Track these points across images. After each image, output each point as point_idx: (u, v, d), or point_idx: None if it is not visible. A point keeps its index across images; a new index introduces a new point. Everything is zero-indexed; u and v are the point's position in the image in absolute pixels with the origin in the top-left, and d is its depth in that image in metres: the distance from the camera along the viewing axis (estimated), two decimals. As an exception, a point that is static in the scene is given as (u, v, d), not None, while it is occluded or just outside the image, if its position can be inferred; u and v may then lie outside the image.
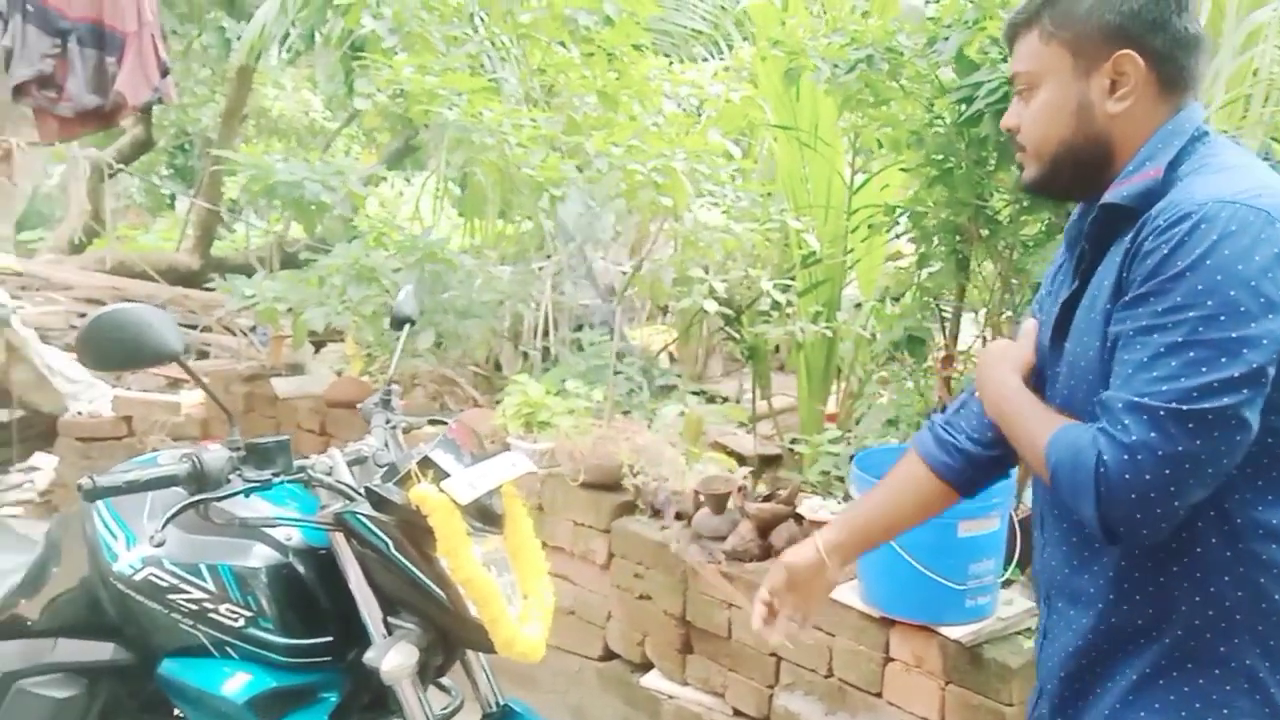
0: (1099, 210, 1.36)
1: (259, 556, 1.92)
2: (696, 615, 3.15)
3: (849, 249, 4.11)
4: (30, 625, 2.10)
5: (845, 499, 3.05)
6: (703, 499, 3.19)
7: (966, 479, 1.62)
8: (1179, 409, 1.18)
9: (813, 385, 4.19)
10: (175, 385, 5.90)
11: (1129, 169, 1.35)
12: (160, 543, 1.70)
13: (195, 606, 1.90)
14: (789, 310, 4.06)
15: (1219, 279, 1.19)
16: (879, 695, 2.71)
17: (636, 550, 3.32)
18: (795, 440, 3.80)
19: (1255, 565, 1.28)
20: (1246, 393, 1.18)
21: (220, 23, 8.44)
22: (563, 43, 4.57)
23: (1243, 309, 1.18)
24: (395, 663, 1.81)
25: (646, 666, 3.35)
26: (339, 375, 5.16)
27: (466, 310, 4.25)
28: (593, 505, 3.48)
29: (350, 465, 2.03)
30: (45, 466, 5.84)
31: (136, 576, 1.93)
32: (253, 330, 6.48)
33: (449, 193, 6.25)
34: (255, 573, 1.91)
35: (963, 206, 3.07)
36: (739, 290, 4.28)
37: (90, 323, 1.67)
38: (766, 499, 3.17)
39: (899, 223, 3.49)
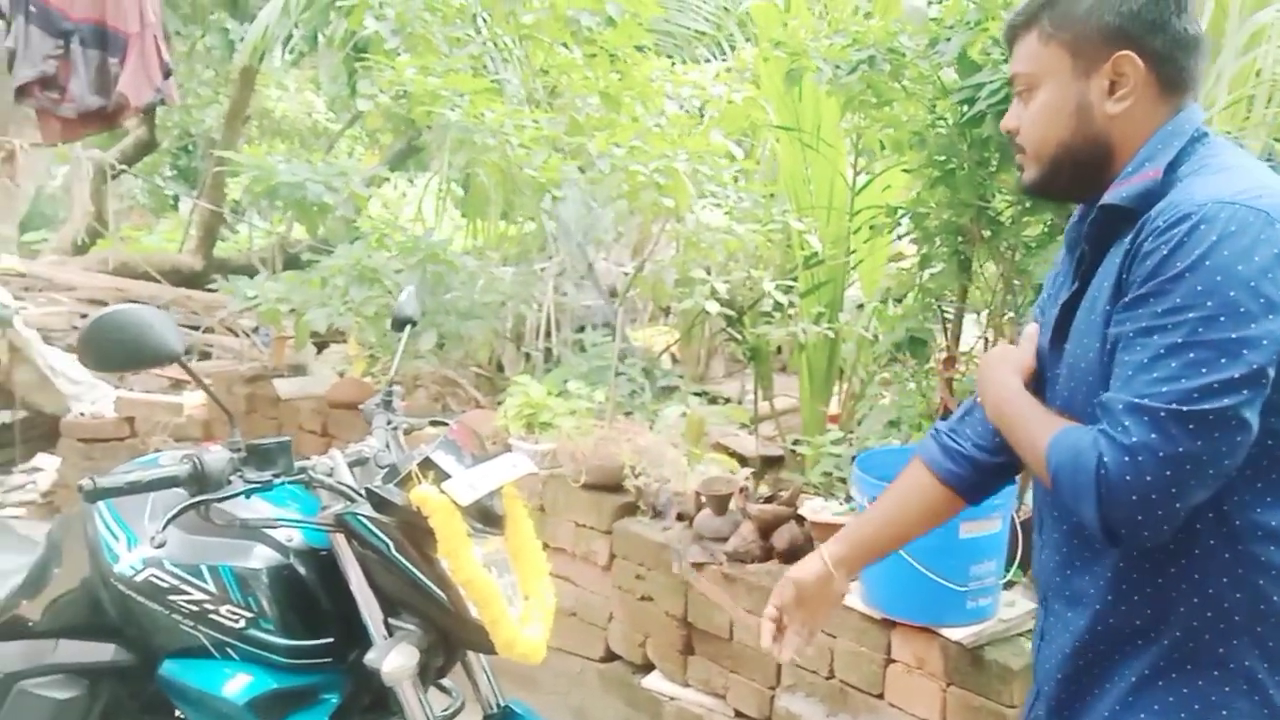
0: (1098, 211, 1.36)
1: (260, 557, 1.93)
2: (698, 617, 3.15)
3: (851, 250, 4.11)
4: (31, 626, 2.11)
5: (847, 500, 3.05)
6: (704, 500, 3.19)
7: (973, 486, 1.61)
8: (1179, 410, 1.17)
9: (815, 386, 4.19)
10: (177, 386, 5.91)
11: (1128, 170, 1.35)
12: (161, 544, 1.70)
13: (196, 607, 1.90)
14: (791, 311, 4.05)
15: (1219, 280, 1.19)
16: (880, 697, 2.70)
17: (638, 551, 3.32)
18: (797, 441, 3.79)
19: (1254, 567, 1.27)
20: (1247, 393, 1.18)
21: (223, 24, 8.44)
22: (565, 44, 4.56)
23: (1243, 310, 1.18)
24: (396, 664, 1.81)
25: (648, 668, 3.35)
26: (341, 376, 5.17)
27: (469, 311, 4.25)
28: (594, 506, 3.48)
29: (351, 466, 2.03)
30: (48, 467, 5.85)
31: (137, 577, 1.93)
32: (255, 331, 6.49)
33: (452, 194, 6.25)
34: (256, 574, 1.91)
35: (965, 207, 3.06)
36: (741, 291, 4.28)
37: (91, 324, 1.67)
38: (768, 500, 3.17)
39: (901, 224, 3.48)
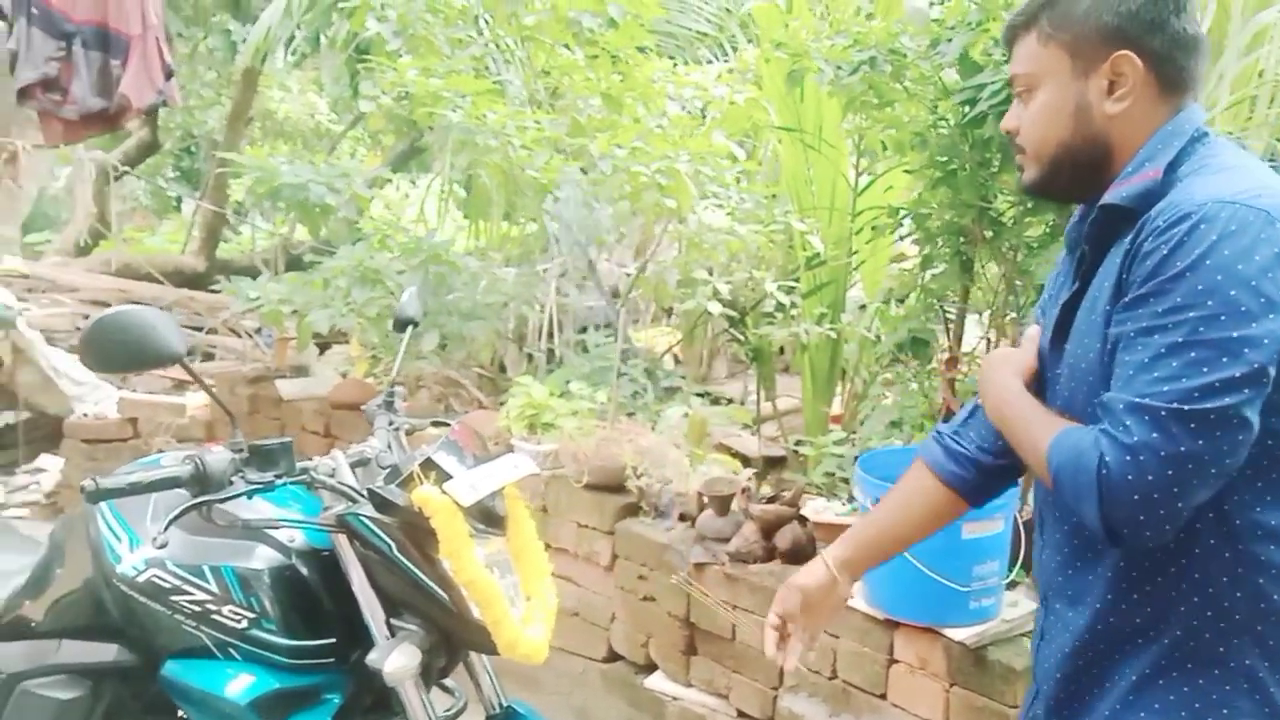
0: (1098, 211, 1.36)
1: (262, 558, 1.93)
2: (700, 617, 3.15)
3: (853, 250, 4.11)
4: (34, 627, 2.11)
5: (850, 501, 3.05)
6: (706, 500, 3.19)
7: (976, 488, 1.61)
8: (1181, 409, 1.17)
9: (817, 387, 4.19)
10: (180, 387, 5.91)
11: (1128, 170, 1.35)
12: (163, 544, 1.70)
13: (198, 608, 1.90)
14: (793, 312, 4.05)
15: (1219, 279, 1.18)
16: (883, 697, 2.70)
17: (640, 552, 3.32)
18: (800, 442, 3.79)
19: (1254, 566, 1.27)
20: (1248, 392, 1.18)
21: (226, 25, 8.45)
22: (567, 45, 4.56)
23: (1243, 309, 1.18)
24: (398, 664, 1.81)
25: (650, 668, 3.35)
26: (344, 377, 5.17)
27: (471, 312, 4.26)
28: (596, 507, 3.48)
29: (353, 467, 2.03)
30: (51, 468, 5.86)
31: (140, 578, 1.93)
32: (258, 332, 6.50)
33: (454, 195, 6.25)
34: (258, 574, 1.91)
35: (967, 208, 3.06)
36: (743, 292, 4.28)
37: (93, 325, 1.67)
38: (770, 500, 3.17)
39: (903, 224, 3.48)
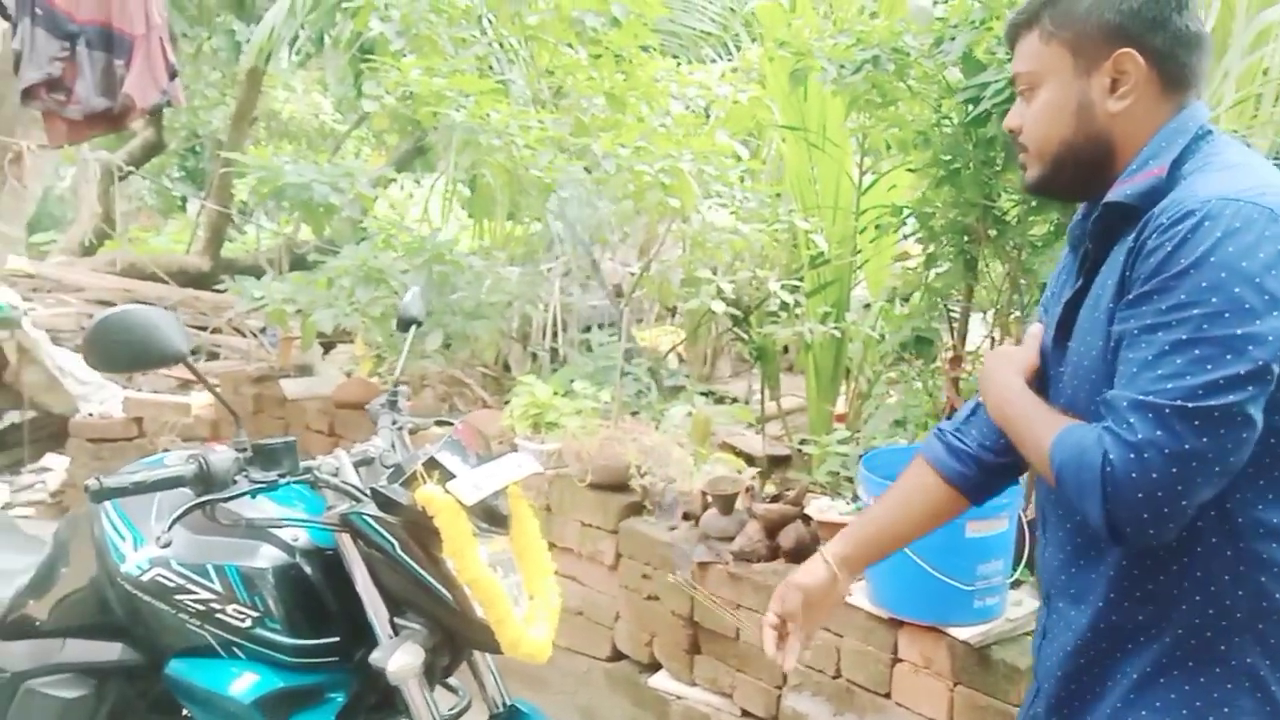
0: (1102, 209, 1.35)
1: (266, 557, 1.93)
2: (704, 616, 3.15)
3: (857, 249, 4.11)
4: (39, 626, 2.11)
5: (853, 499, 3.04)
6: (710, 499, 3.19)
7: (978, 486, 1.61)
8: (1185, 406, 1.17)
9: (821, 386, 4.19)
10: (185, 387, 5.92)
11: (1132, 167, 1.34)
12: (167, 543, 1.70)
13: (202, 607, 1.90)
14: (797, 311, 4.05)
15: (1223, 276, 1.18)
16: (887, 696, 2.70)
17: (644, 551, 3.32)
18: (804, 441, 3.79)
19: (1256, 564, 1.27)
20: (1252, 389, 1.18)
21: (230, 26, 8.45)
22: (570, 44, 4.57)
23: (1247, 306, 1.17)
24: (401, 663, 1.81)
25: (654, 667, 3.35)
26: (348, 376, 5.18)
27: (475, 311, 4.26)
28: (600, 506, 3.48)
29: (357, 466, 2.02)
30: (56, 467, 5.88)
31: (144, 577, 1.93)
32: (262, 332, 6.51)
33: (458, 194, 6.26)
34: (262, 573, 1.91)
35: (970, 207, 3.06)
36: (747, 291, 4.28)
37: (96, 325, 1.67)
38: (774, 499, 3.17)
39: (906, 223, 3.48)
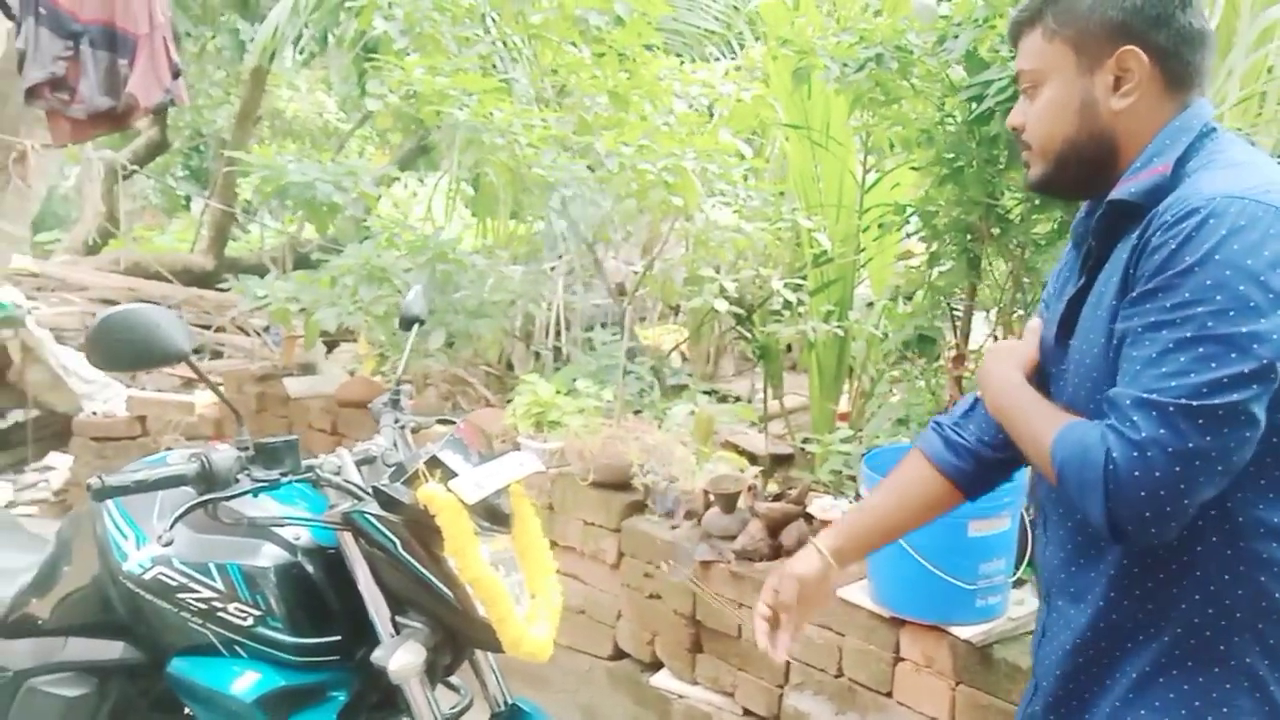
0: (1106, 206, 1.35)
1: (267, 556, 1.93)
2: (706, 615, 3.14)
3: (860, 248, 4.10)
4: (41, 624, 2.11)
5: (856, 498, 3.04)
6: (712, 498, 3.19)
7: (974, 480, 1.61)
8: (1189, 405, 1.16)
9: (824, 384, 4.19)
10: (189, 385, 5.93)
11: (1136, 165, 1.34)
12: (169, 542, 1.70)
13: (204, 605, 1.91)
14: (800, 309, 4.05)
15: (1228, 274, 1.18)
16: (889, 695, 2.70)
17: (646, 549, 3.32)
18: (807, 439, 3.79)
19: (1256, 564, 1.26)
20: (1256, 388, 1.17)
21: (234, 25, 8.46)
22: (574, 43, 4.56)
23: (1252, 304, 1.17)
24: (403, 662, 1.81)
25: (656, 666, 3.35)
26: (351, 375, 5.18)
27: (478, 310, 4.25)
28: (603, 504, 3.48)
29: (359, 465, 2.03)
30: (60, 466, 5.89)
31: (146, 575, 1.94)
32: (266, 330, 6.52)
33: (462, 193, 6.26)
34: (264, 572, 1.91)
35: (974, 205, 3.05)
36: (750, 289, 4.28)
37: (99, 323, 1.67)
38: (776, 498, 3.16)
39: (910, 222, 3.48)
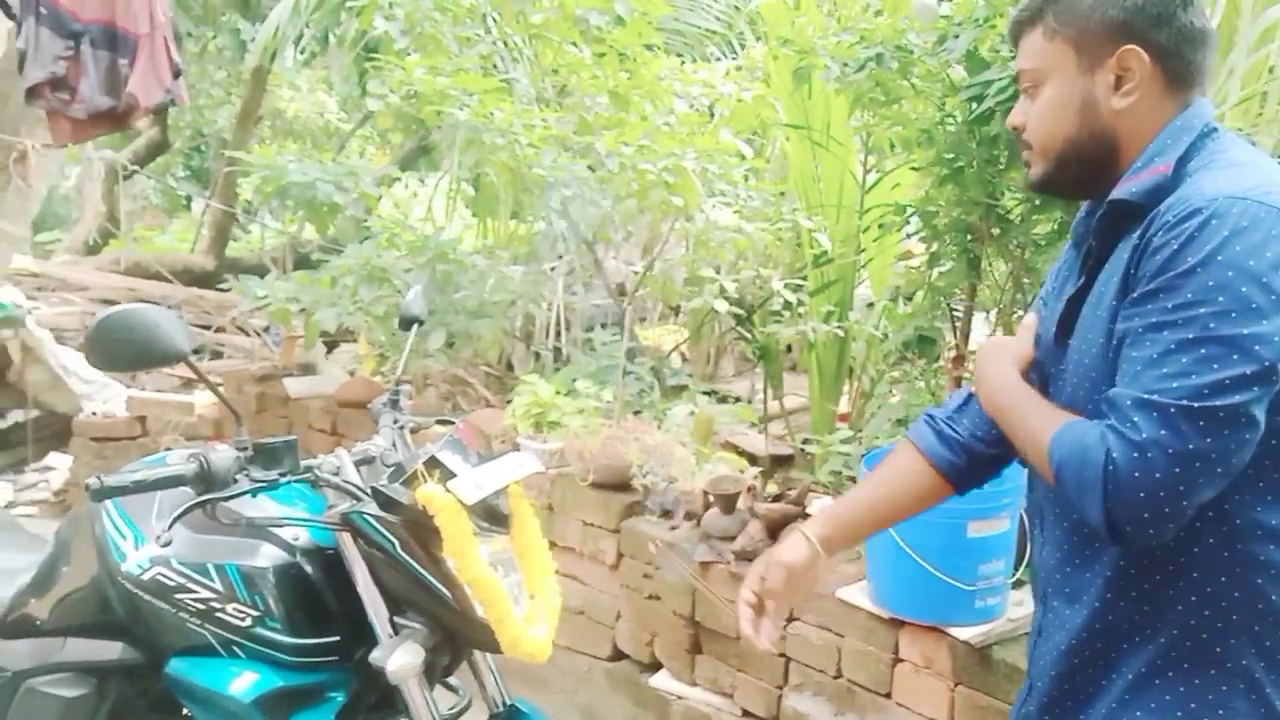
0: (1107, 206, 1.34)
1: (266, 556, 1.93)
2: (705, 616, 3.14)
3: (861, 248, 4.10)
4: (39, 624, 2.11)
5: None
6: (712, 499, 3.18)
7: (964, 475, 1.60)
8: (1190, 406, 1.16)
9: (824, 385, 4.18)
10: (189, 385, 5.93)
11: (1137, 165, 1.34)
12: (168, 542, 1.69)
13: (203, 606, 1.90)
14: (801, 310, 4.05)
15: (1230, 275, 1.17)
16: (888, 696, 2.69)
17: (646, 550, 3.31)
18: (806, 440, 3.79)
19: (1253, 566, 1.26)
20: (1258, 390, 1.17)
21: (235, 24, 8.46)
22: (574, 43, 4.56)
23: (1254, 305, 1.16)
24: (401, 662, 1.81)
25: (655, 667, 3.35)
26: (351, 375, 5.18)
27: (478, 310, 4.25)
28: (602, 505, 3.48)
29: (358, 465, 2.02)
30: (60, 466, 5.89)
31: (144, 576, 1.93)
32: (266, 331, 6.52)
33: (462, 193, 6.26)
34: (262, 572, 1.91)
35: (974, 205, 3.05)
36: (750, 290, 4.28)
37: (98, 323, 1.67)
38: (776, 499, 3.16)
39: (910, 222, 3.47)
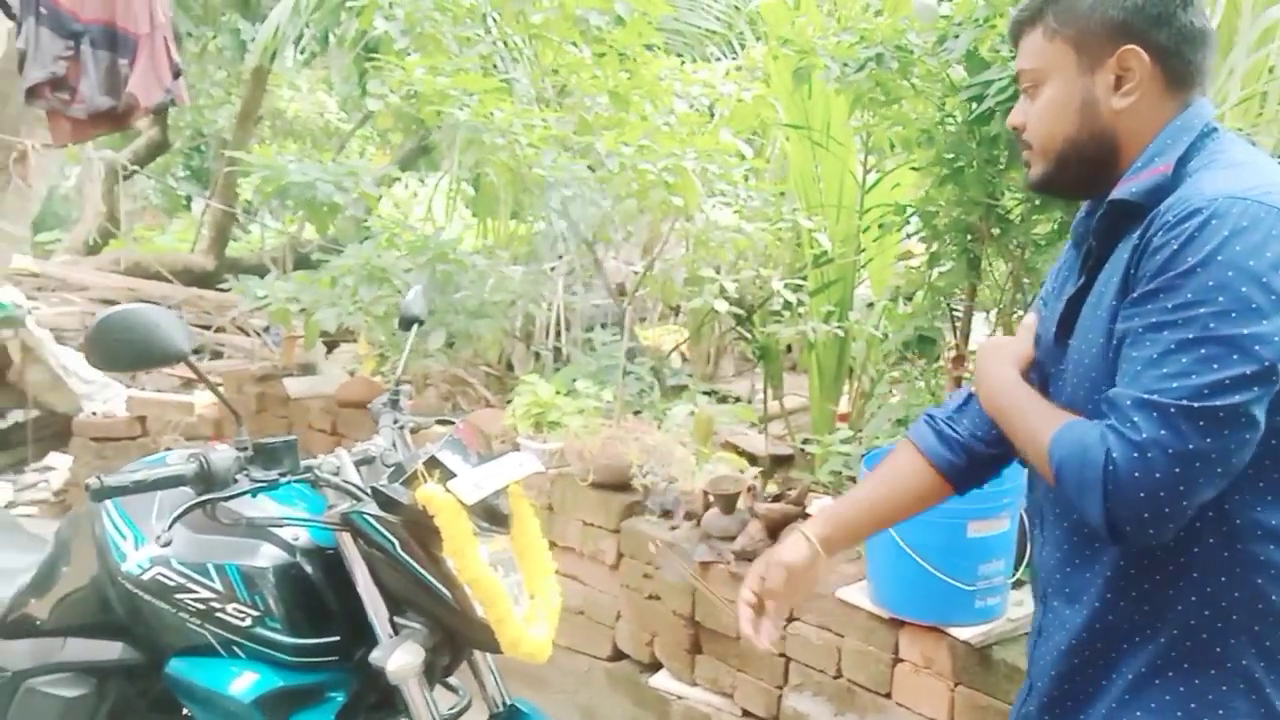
0: (1107, 206, 1.34)
1: (266, 556, 1.93)
2: (705, 616, 3.14)
3: (861, 248, 4.10)
4: (40, 624, 2.11)
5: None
6: (712, 499, 3.18)
7: (964, 475, 1.60)
8: (1190, 406, 1.16)
9: (824, 385, 4.18)
10: (189, 385, 5.93)
11: (1137, 165, 1.33)
12: (168, 542, 1.69)
13: (203, 606, 1.90)
14: (801, 310, 4.05)
15: (1230, 275, 1.17)
16: (888, 696, 2.69)
17: (645, 550, 3.31)
18: (806, 440, 3.79)
19: (1253, 566, 1.26)
20: (1257, 390, 1.17)
21: (235, 24, 8.46)
22: (574, 43, 4.56)
23: (1254, 305, 1.16)
24: (401, 662, 1.81)
25: (655, 667, 3.35)
26: (351, 375, 5.18)
27: (478, 310, 4.25)
28: (602, 505, 3.48)
29: (358, 465, 2.02)
30: (60, 466, 5.89)
31: (144, 576, 1.93)
32: (266, 331, 6.51)
33: (462, 193, 6.26)
34: (262, 572, 1.91)
35: (974, 205, 3.05)
36: (750, 290, 4.28)
37: (98, 323, 1.67)
38: (776, 499, 3.16)
39: (910, 222, 3.47)
